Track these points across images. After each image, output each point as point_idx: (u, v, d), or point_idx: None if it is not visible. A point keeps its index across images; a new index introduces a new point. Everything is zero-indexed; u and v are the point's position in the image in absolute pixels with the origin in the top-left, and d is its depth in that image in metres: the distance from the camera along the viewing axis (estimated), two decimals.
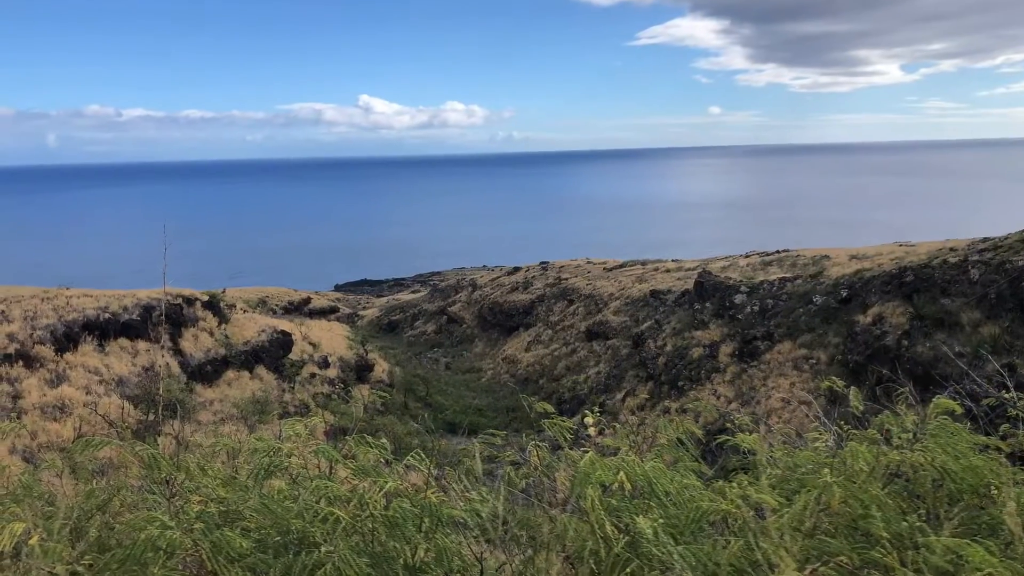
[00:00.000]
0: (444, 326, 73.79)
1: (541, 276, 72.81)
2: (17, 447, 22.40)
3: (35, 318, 31.22)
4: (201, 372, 35.31)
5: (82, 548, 3.83)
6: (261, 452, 4.54)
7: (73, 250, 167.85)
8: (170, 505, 4.13)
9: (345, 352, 48.00)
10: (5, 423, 5.31)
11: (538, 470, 4.60)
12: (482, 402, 47.67)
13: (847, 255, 44.66)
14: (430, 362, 62.98)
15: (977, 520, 3.50)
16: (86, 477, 4.98)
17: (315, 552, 3.61)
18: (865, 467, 3.70)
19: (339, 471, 4.64)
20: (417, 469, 4.40)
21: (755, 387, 35.54)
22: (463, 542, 4.14)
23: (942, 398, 4.23)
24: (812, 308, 38.15)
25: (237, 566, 3.60)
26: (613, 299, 56.96)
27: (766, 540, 3.25)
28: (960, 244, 35.15)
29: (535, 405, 5.19)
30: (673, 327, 44.99)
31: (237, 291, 76.55)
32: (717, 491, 3.85)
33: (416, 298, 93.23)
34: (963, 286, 30.79)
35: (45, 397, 26.97)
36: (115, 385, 29.74)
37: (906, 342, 30.91)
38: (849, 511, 3.41)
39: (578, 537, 3.73)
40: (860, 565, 3.17)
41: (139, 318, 34.44)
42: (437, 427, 38.20)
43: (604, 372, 47.90)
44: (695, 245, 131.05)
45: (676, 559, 3.24)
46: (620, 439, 4.90)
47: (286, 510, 3.96)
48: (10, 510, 4.13)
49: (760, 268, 50.68)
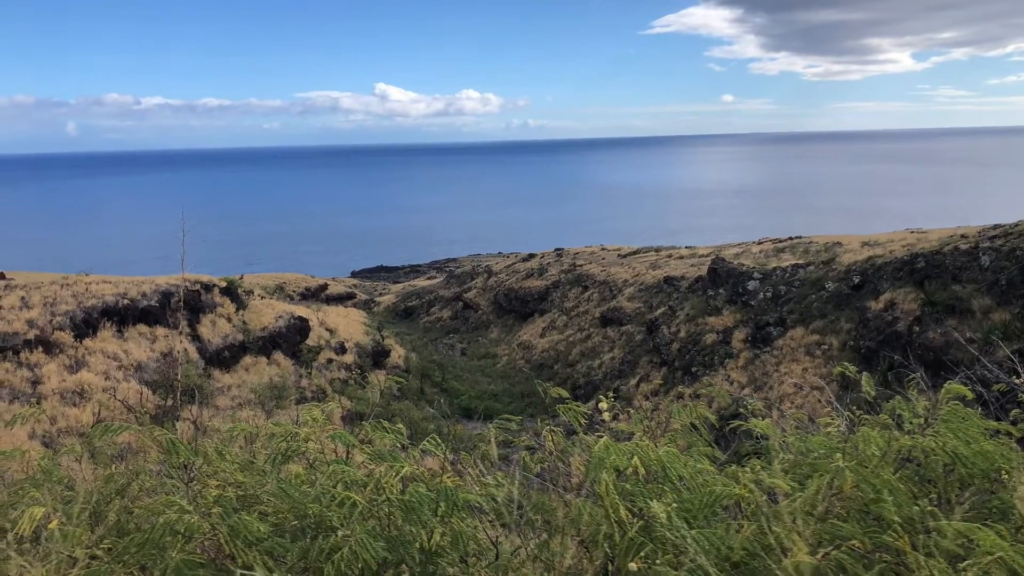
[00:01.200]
0: (460, 312, 73.81)
1: (556, 263, 72.70)
2: (37, 432, 22.59)
3: (55, 304, 31.41)
4: (219, 358, 35.49)
5: (101, 532, 3.86)
6: (278, 437, 4.57)
7: (92, 237, 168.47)
8: (188, 490, 4.15)
9: (362, 338, 48.13)
10: (25, 408, 5.35)
11: (553, 455, 4.62)
12: (497, 387, 47.70)
13: (859, 242, 44.54)
14: (446, 348, 63.06)
15: (988, 505, 3.50)
16: (105, 462, 5.01)
17: (332, 536, 3.62)
18: (877, 452, 3.70)
19: (356, 456, 4.67)
20: (433, 454, 4.43)
21: (768, 373, 35.54)
22: (479, 526, 4.16)
23: (953, 384, 4.22)
24: (824, 294, 38.10)
25: (255, 550, 3.61)
26: (627, 285, 56.86)
27: (779, 524, 3.26)
28: (971, 231, 35.04)
29: (550, 390, 5.21)
30: (687, 313, 44.93)
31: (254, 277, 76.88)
32: (730, 476, 3.86)
33: (432, 284, 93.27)
34: (974, 273, 30.87)
35: (64, 382, 27.17)
36: (134, 371, 29.91)
37: (917, 328, 30.93)
38: (861, 495, 3.41)
39: (592, 521, 3.74)
40: (872, 549, 3.18)
41: (157, 304, 34.61)
42: (453, 412, 38.35)
43: (618, 358, 47.87)
44: (708, 232, 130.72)
45: (690, 543, 3.25)
46: (634, 424, 4.91)
47: (303, 494, 3.98)
48: (30, 495, 4.15)
49: (773, 255, 50.62)
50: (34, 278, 39.52)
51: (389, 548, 3.68)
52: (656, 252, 68.88)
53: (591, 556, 3.72)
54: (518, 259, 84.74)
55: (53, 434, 22.99)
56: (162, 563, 3.53)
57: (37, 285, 34.42)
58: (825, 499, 3.42)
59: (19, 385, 26.15)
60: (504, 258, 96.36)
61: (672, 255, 64.73)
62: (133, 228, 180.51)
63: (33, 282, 35.73)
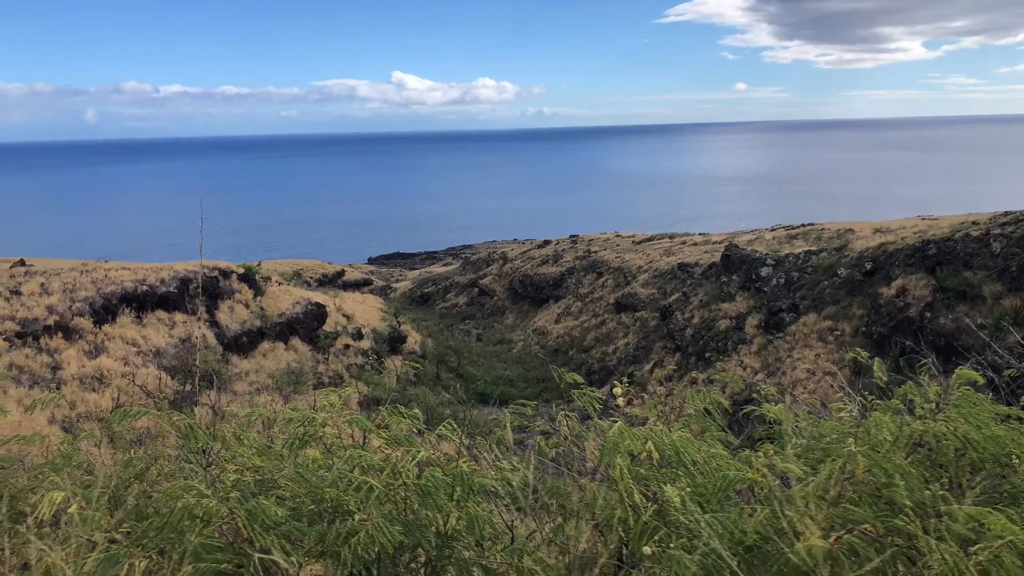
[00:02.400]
0: (475, 298, 73.84)
1: (571, 249, 72.60)
2: (57, 417, 22.72)
3: (74, 290, 31.59)
4: (237, 343, 35.64)
5: (120, 516, 3.89)
6: (296, 422, 4.60)
7: (111, 224, 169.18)
8: (206, 474, 4.19)
9: (378, 324, 48.21)
10: (45, 394, 5.40)
11: (568, 440, 4.65)
12: (513, 373, 47.69)
13: (871, 229, 44.43)
14: (462, 334, 63.10)
15: (999, 489, 3.51)
16: (124, 447, 5.03)
17: (349, 520, 3.65)
18: (889, 437, 3.71)
19: (372, 441, 4.70)
20: (449, 439, 4.46)
21: (781, 358, 35.54)
22: (494, 510, 4.19)
23: (964, 369, 4.23)
24: (837, 281, 38.05)
25: (272, 534, 3.64)
26: (641, 272, 56.77)
27: (791, 508, 3.27)
28: (982, 218, 35.02)
29: (565, 376, 5.23)
30: (700, 299, 44.87)
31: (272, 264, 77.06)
32: (743, 460, 3.88)
33: (448, 271, 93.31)
34: (985, 259, 30.95)
35: (84, 368, 27.33)
36: (152, 356, 30.07)
37: (929, 314, 31.00)
38: (873, 480, 3.42)
39: (607, 505, 3.76)
40: (884, 533, 3.19)
41: (176, 290, 34.77)
42: (468, 397, 38.41)
43: (632, 343, 47.85)
44: (722, 219, 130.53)
45: (703, 527, 3.27)
46: (648, 409, 4.93)
47: (320, 479, 4.00)
48: (50, 479, 4.19)
49: (786, 241, 50.63)
50: (53, 264, 39.79)
51: (405, 532, 3.71)
52: (670, 239, 68.76)
53: (605, 540, 3.74)
54: (533, 246, 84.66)
55: (73, 419, 23.11)
56: (180, 547, 3.57)
57: (56, 271, 34.63)
58: (837, 483, 3.44)
59: (39, 371, 26.33)
60: (519, 245, 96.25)
61: (686, 242, 64.64)
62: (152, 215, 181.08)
63: (52, 268, 35.96)
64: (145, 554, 3.53)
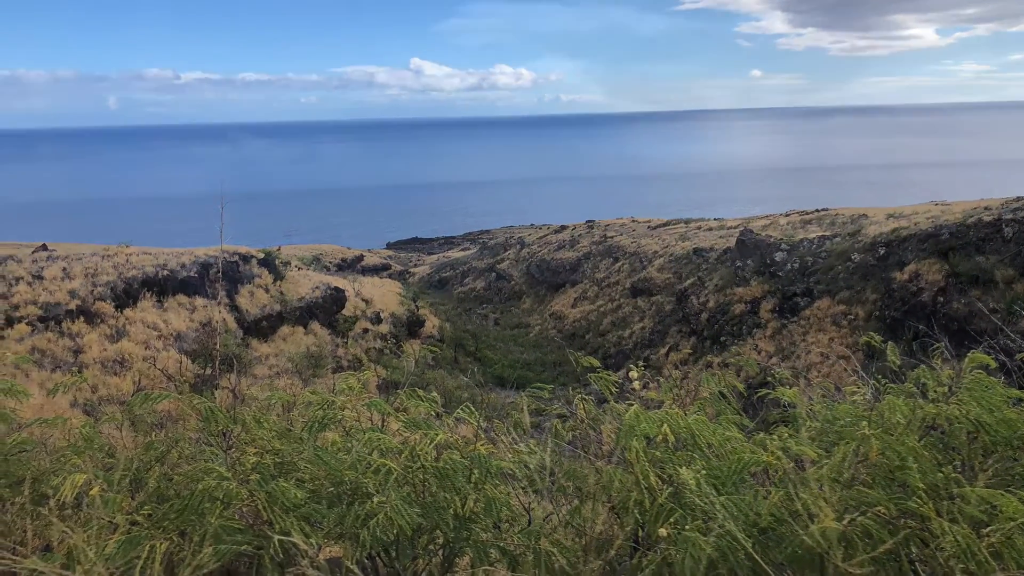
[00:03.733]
0: (493, 283, 73.89)
1: (587, 234, 72.60)
2: (78, 400, 22.88)
3: (96, 275, 31.79)
4: (257, 327, 35.78)
5: (141, 498, 3.93)
6: (315, 405, 4.63)
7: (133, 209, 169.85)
8: (227, 457, 4.23)
9: (397, 308, 48.30)
10: (67, 377, 5.44)
11: (584, 423, 4.67)
12: (530, 357, 47.78)
13: (884, 214, 44.41)
14: (479, 318, 63.21)
15: (1011, 471, 3.52)
16: (145, 430, 5.07)
17: (368, 502, 3.68)
18: (902, 420, 3.72)
19: (391, 424, 4.75)
20: (467, 422, 4.48)
21: (795, 342, 35.67)
22: (511, 493, 4.23)
23: (977, 353, 4.24)
24: (850, 265, 38.06)
25: (292, 516, 3.68)
26: (657, 257, 56.73)
27: (806, 491, 3.29)
28: (994, 203, 35.07)
29: (581, 360, 5.25)
30: (715, 284, 44.86)
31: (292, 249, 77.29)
32: (758, 443, 3.89)
33: (466, 256, 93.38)
34: (997, 244, 31.19)
35: (105, 352, 27.52)
36: (173, 340, 30.24)
37: (942, 298, 31.23)
38: (886, 463, 3.44)
39: (623, 488, 3.77)
40: (897, 515, 3.21)
41: (196, 275, 34.92)
42: (486, 381, 38.50)
43: (648, 327, 47.89)
44: (737, 204, 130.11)
45: (718, 509, 3.29)
46: (664, 393, 4.94)
47: (339, 462, 4.04)
48: (72, 462, 4.24)
49: (800, 227, 50.72)
50: (75, 249, 40.04)
51: (424, 514, 3.75)
52: (685, 224, 68.72)
53: (622, 522, 3.76)
54: (550, 231, 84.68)
55: (94, 402, 23.27)
56: (201, 528, 3.60)
57: (78, 256, 34.85)
58: (851, 466, 3.45)
59: (61, 354, 26.55)
60: (536, 230, 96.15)
61: (701, 227, 64.75)
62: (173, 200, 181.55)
63: (74, 253, 36.18)
64: (166, 536, 3.56)
